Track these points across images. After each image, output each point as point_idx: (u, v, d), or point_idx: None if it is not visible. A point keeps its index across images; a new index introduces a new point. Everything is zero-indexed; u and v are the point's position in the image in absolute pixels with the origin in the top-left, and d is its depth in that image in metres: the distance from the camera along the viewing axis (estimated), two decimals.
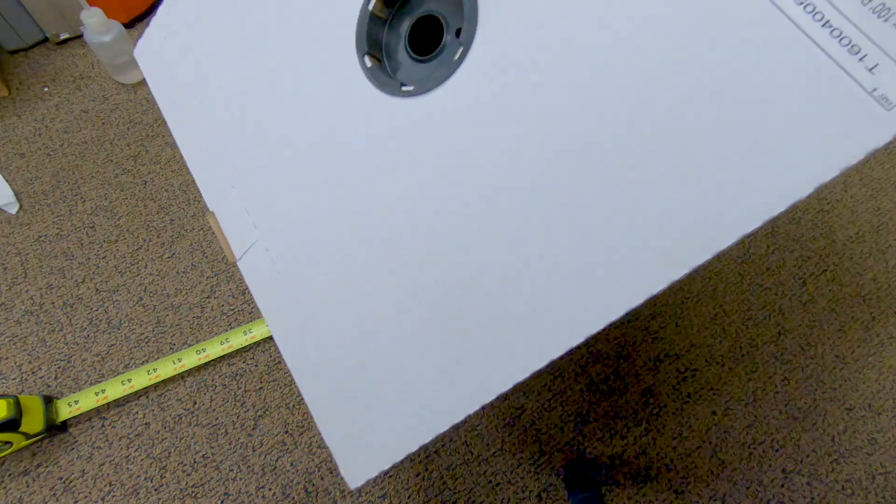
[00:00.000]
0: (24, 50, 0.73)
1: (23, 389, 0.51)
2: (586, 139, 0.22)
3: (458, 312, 0.26)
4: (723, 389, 0.53)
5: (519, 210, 0.24)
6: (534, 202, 0.24)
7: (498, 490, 0.48)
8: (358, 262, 0.29)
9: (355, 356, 0.30)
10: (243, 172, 0.34)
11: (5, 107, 0.68)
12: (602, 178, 0.22)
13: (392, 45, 0.29)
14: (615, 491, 0.48)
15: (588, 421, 0.51)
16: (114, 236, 0.60)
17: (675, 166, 0.21)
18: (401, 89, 0.27)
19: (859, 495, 0.49)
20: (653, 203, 0.21)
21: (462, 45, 0.25)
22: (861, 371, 0.54)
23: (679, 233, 0.21)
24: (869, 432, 0.51)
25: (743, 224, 0.20)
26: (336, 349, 0.31)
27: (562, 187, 0.23)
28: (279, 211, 0.33)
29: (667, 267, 0.21)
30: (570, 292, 0.24)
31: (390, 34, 0.29)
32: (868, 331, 0.57)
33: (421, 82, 0.26)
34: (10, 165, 0.64)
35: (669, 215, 0.21)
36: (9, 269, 0.58)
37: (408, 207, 0.27)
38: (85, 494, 0.47)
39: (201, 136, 0.37)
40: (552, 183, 0.23)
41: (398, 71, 0.28)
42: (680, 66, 0.21)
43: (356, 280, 0.30)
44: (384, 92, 0.27)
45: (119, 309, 0.55)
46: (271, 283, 0.33)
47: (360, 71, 0.28)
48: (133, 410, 0.51)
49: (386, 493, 0.48)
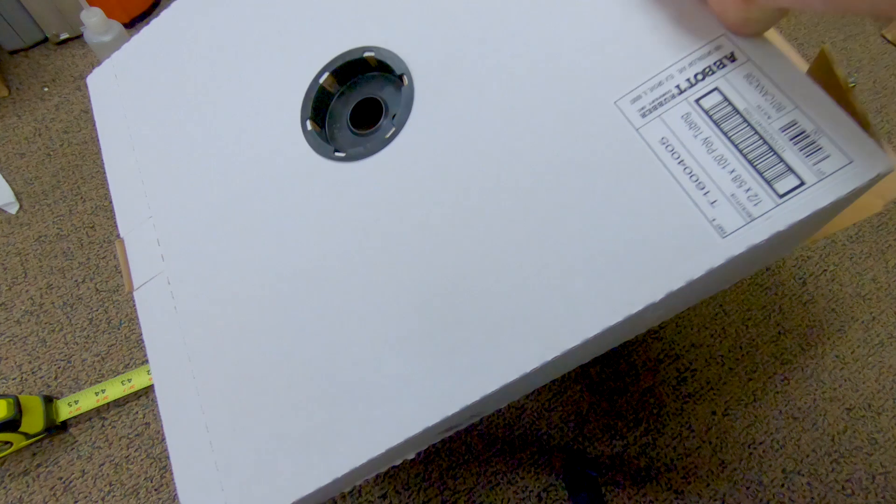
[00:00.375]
0: (24, 50, 0.73)
1: (23, 389, 0.51)
2: (478, 233, 0.27)
3: (339, 389, 0.28)
4: (723, 389, 0.53)
5: (406, 272, 0.28)
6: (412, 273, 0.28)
7: (498, 490, 0.48)
8: (257, 313, 0.30)
9: (234, 409, 0.30)
10: (164, 204, 0.35)
11: (5, 107, 0.68)
12: (486, 271, 0.26)
13: (336, 116, 0.34)
14: (615, 491, 0.48)
15: (588, 421, 0.51)
16: (114, 236, 0.60)
17: (545, 265, 0.25)
18: (333, 154, 0.31)
19: (859, 495, 0.49)
20: (523, 294, 0.26)
21: (395, 127, 0.30)
22: (861, 371, 0.54)
23: (556, 317, 0.25)
24: (869, 432, 0.51)
25: (603, 318, 0.24)
26: (215, 396, 0.31)
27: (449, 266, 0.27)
28: (191, 246, 0.33)
29: (543, 350, 0.25)
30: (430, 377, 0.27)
31: (337, 106, 0.34)
32: (868, 331, 0.57)
33: (354, 152, 0.31)
34: (10, 165, 0.64)
35: (546, 300, 0.25)
36: (9, 269, 0.58)
37: (316, 260, 0.30)
38: (85, 494, 0.47)
39: (129, 166, 0.38)
40: (439, 259, 0.27)
41: (336, 140, 0.33)
42: (561, 179, 0.26)
43: (253, 332, 0.30)
44: (318, 153, 0.31)
45: (119, 309, 0.55)
46: (164, 319, 0.33)
47: (300, 132, 0.32)
48: (133, 410, 0.51)
49: (386, 493, 0.48)
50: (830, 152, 0.22)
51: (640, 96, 0.25)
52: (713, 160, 0.23)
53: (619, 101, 0.26)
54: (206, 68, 0.37)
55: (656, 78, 0.25)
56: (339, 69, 0.33)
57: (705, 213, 0.23)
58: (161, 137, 0.37)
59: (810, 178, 0.22)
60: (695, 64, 0.25)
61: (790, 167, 0.22)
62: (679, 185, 0.24)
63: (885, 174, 0.21)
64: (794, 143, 0.23)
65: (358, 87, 0.34)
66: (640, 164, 0.24)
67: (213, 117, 0.36)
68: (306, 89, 0.33)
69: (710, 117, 0.24)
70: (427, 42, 0.31)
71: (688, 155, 0.24)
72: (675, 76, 0.25)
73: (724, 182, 0.23)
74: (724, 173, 0.23)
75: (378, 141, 0.30)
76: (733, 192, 0.23)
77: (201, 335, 0.32)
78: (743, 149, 0.23)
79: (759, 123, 0.23)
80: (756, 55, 0.24)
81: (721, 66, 0.24)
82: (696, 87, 0.24)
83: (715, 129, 0.24)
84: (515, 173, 0.27)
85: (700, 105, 0.24)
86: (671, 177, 0.24)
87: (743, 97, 0.24)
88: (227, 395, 0.30)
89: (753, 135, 0.23)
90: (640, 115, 0.25)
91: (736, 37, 0.24)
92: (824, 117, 0.23)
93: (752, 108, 0.23)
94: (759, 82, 0.24)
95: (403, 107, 0.30)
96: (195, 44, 0.38)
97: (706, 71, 0.24)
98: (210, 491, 0.28)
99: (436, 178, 0.28)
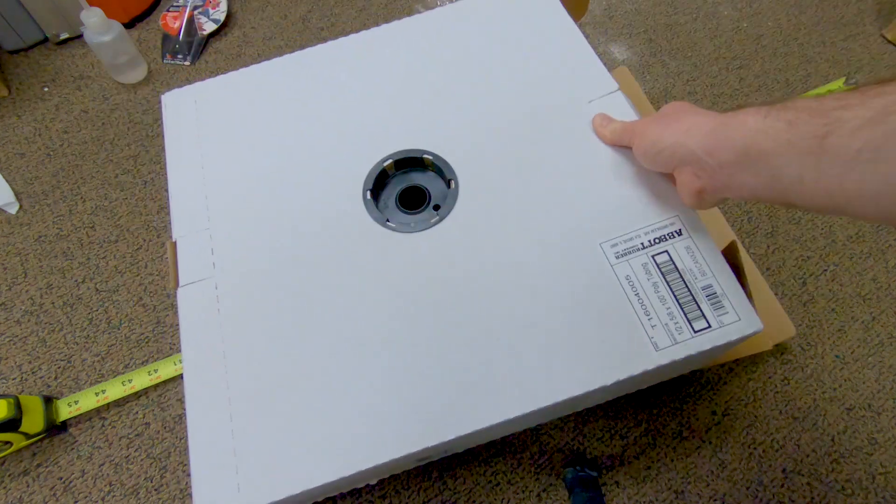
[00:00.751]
0: (24, 50, 0.73)
1: (23, 389, 0.51)
2: (481, 313, 0.35)
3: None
4: (723, 389, 0.53)
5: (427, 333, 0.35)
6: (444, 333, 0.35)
7: (498, 490, 0.48)
8: (293, 331, 0.36)
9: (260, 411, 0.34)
10: (224, 222, 0.40)
11: (5, 107, 0.68)
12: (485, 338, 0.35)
13: (389, 193, 0.42)
14: (615, 491, 0.48)
15: (588, 421, 0.51)
16: (114, 236, 0.60)
17: (529, 346, 0.34)
18: (386, 223, 0.39)
19: (859, 495, 0.49)
20: (500, 364, 0.34)
21: (439, 217, 0.39)
22: (861, 371, 0.54)
23: (531, 382, 0.33)
24: (869, 432, 0.51)
25: (558, 393, 0.32)
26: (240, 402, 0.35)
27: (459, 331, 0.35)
28: (244, 265, 0.38)
29: (522, 402, 0.33)
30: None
31: (390, 184, 0.42)
32: (868, 331, 0.57)
33: (403, 226, 0.39)
34: (10, 165, 0.64)
35: (519, 372, 0.34)
36: (9, 269, 0.58)
37: (352, 303, 0.36)
38: (85, 494, 0.47)
39: (196, 180, 0.43)
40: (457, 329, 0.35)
41: (386, 210, 0.41)
42: (555, 288, 0.35)
43: (287, 345, 0.35)
44: (373, 219, 0.39)
45: (119, 309, 0.55)
46: (207, 317, 0.36)
47: (360, 199, 0.40)
48: (133, 410, 0.51)
49: (386, 493, 0.48)
50: (729, 311, 0.34)
51: (617, 244, 0.36)
52: (657, 298, 0.34)
53: (603, 243, 0.36)
54: (286, 121, 0.44)
55: (628, 235, 0.36)
56: (400, 160, 0.42)
57: (647, 332, 0.33)
58: (232, 166, 0.43)
59: (715, 325, 0.33)
60: (655, 231, 0.36)
61: (703, 314, 0.34)
62: (633, 310, 0.34)
63: (759, 332, 0.33)
64: (708, 299, 0.34)
65: (408, 175, 0.43)
66: (611, 289, 0.35)
67: (285, 165, 0.42)
68: (371, 167, 0.41)
69: (659, 269, 0.35)
70: (474, 158, 0.41)
71: (642, 291, 0.34)
72: (641, 236, 0.36)
73: (662, 314, 0.34)
74: (662, 308, 0.34)
75: (424, 222, 0.39)
76: (666, 322, 0.33)
77: (240, 339, 0.36)
78: (677, 295, 0.34)
79: (689, 281, 0.34)
80: (694, 235, 0.35)
81: (671, 237, 0.36)
82: (654, 247, 0.35)
83: (661, 278, 0.34)
84: (522, 276, 0.36)
85: (654, 259, 0.35)
86: (629, 303, 0.34)
87: (682, 261, 0.35)
88: (255, 393, 0.34)
89: (685, 287, 0.34)
90: (615, 256, 0.36)
91: (684, 218, 0.36)
92: (728, 287, 0.34)
93: (686, 270, 0.34)
94: (693, 254, 0.35)
95: (448, 203, 0.39)
96: (280, 98, 0.46)
97: (661, 238, 0.36)
98: (226, 472, 0.32)
99: (461, 264, 0.37)
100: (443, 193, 0.41)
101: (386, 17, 0.80)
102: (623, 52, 0.78)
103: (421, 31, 0.48)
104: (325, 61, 0.47)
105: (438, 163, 0.41)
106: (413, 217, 0.40)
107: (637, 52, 0.78)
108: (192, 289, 0.37)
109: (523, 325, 0.34)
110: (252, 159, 0.43)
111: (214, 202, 0.41)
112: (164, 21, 0.75)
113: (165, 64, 0.73)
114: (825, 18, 0.84)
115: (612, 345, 0.33)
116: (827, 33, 0.82)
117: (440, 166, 0.41)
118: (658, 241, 0.35)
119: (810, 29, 0.82)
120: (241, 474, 0.32)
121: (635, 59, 0.78)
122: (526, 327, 0.34)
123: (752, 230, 0.63)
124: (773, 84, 0.76)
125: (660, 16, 0.83)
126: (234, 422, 0.33)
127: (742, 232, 0.63)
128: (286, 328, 0.36)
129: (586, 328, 0.34)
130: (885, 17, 0.84)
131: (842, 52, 0.80)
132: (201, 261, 0.38)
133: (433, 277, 0.37)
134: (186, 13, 0.75)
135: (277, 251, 0.39)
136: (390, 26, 0.49)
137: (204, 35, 0.75)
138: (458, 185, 0.40)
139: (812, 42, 0.81)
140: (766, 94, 0.75)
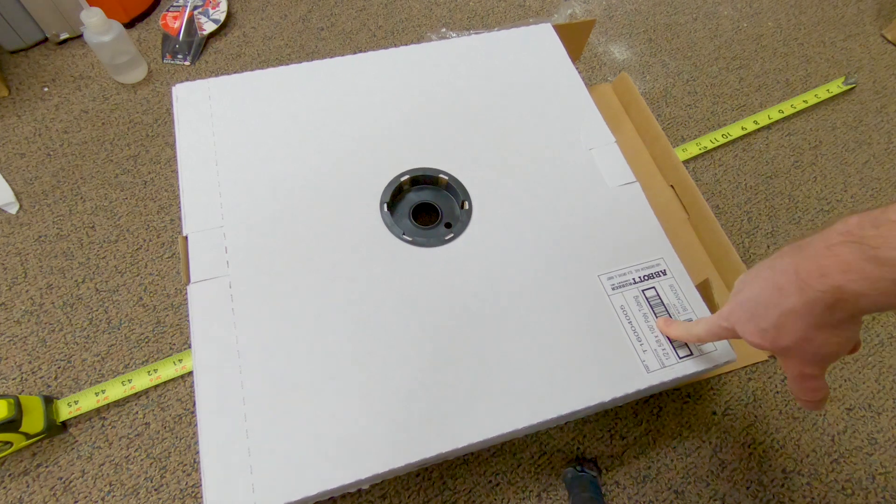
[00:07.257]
0: (24, 50, 0.73)
1: (23, 389, 0.51)
2: (486, 328, 0.38)
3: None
4: (723, 389, 0.53)
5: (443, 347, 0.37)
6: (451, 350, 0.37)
7: (498, 490, 0.48)
8: (309, 334, 0.36)
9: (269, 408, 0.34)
10: (239, 221, 0.40)
11: (5, 107, 0.68)
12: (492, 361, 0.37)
13: (402, 207, 0.44)
14: (615, 491, 0.48)
15: (588, 421, 0.51)
16: (114, 236, 0.60)
17: (531, 364, 0.37)
18: (402, 236, 0.41)
19: (859, 495, 0.49)
20: (499, 380, 0.36)
21: (453, 234, 0.42)
22: (861, 371, 0.54)
23: (532, 394, 0.36)
24: (869, 432, 0.51)
25: (560, 407, 0.35)
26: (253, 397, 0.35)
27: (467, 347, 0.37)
28: (258, 264, 0.39)
29: (526, 414, 0.35)
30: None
31: (404, 199, 0.45)
32: (868, 331, 0.57)
33: (418, 240, 0.41)
34: (10, 165, 0.64)
35: (517, 388, 0.36)
36: (9, 269, 0.58)
37: (367, 310, 0.38)
38: (85, 494, 0.47)
39: (209, 177, 0.42)
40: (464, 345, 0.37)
41: (401, 224, 0.43)
42: (558, 314, 0.39)
43: (304, 348, 0.36)
44: (389, 231, 0.41)
45: (119, 309, 0.55)
46: (221, 315, 0.37)
47: (377, 211, 0.42)
48: (133, 410, 0.51)
49: (386, 493, 0.48)
50: None
51: (613, 277, 0.41)
52: (647, 327, 0.39)
53: (601, 275, 0.41)
54: (305, 128, 0.45)
55: (623, 270, 0.41)
56: (417, 177, 0.44)
57: (639, 356, 0.38)
58: (248, 166, 0.43)
59: (696, 353, 0.38)
60: (645, 269, 0.41)
61: (686, 343, 0.38)
62: (627, 336, 0.38)
63: (733, 361, 0.38)
64: None
65: (423, 192, 0.45)
66: (608, 317, 0.39)
67: (303, 171, 0.43)
68: (389, 181, 0.43)
69: (648, 302, 0.40)
70: (487, 184, 0.44)
71: (634, 320, 0.39)
72: (633, 273, 0.41)
73: (652, 341, 0.38)
74: (652, 336, 0.38)
75: (437, 238, 0.41)
76: (655, 348, 0.38)
77: (256, 339, 0.36)
78: None
79: (673, 314, 0.39)
80: (676, 276, 0.41)
81: (658, 276, 0.41)
82: (644, 283, 0.41)
83: (650, 310, 0.39)
84: (527, 297, 0.39)
85: (644, 293, 0.40)
86: (623, 330, 0.38)
87: (667, 296, 0.40)
88: (270, 394, 0.34)
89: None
90: (611, 287, 0.40)
91: (667, 261, 0.41)
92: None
93: (671, 304, 0.40)
94: (675, 291, 0.40)
95: (462, 222, 0.42)
96: (300, 104, 0.46)
97: (650, 275, 0.41)
98: (240, 471, 0.32)
99: (472, 281, 0.39)
100: (453, 213, 0.44)
101: (385, 18, 0.80)
102: (623, 52, 0.78)
103: (443, 56, 0.51)
104: (347, 73, 0.48)
105: (453, 183, 0.44)
106: (427, 232, 0.42)
107: (637, 52, 0.78)
108: (205, 286, 0.37)
109: (528, 343, 0.37)
110: (270, 162, 0.43)
111: (228, 200, 0.41)
112: (164, 21, 0.75)
113: (165, 64, 0.73)
114: (825, 18, 0.84)
115: (609, 365, 0.37)
116: (827, 33, 0.82)
117: (455, 187, 0.43)
118: (647, 277, 0.41)
119: (810, 29, 0.82)
120: (255, 474, 0.32)
121: (635, 59, 0.78)
122: (530, 346, 0.37)
123: (752, 230, 0.63)
124: (773, 84, 0.76)
125: (660, 16, 0.83)
126: (249, 421, 0.33)
127: (742, 232, 0.63)
128: (301, 329, 0.36)
129: (586, 349, 0.37)
130: (885, 17, 0.84)
131: (842, 52, 0.80)
132: (214, 258, 0.38)
133: (446, 292, 0.39)
134: (186, 13, 0.75)
135: (293, 255, 0.39)
136: (415, 48, 0.51)
137: (204, 35, 0.75)
138: (471, 206, 0.43)
139: (812, 42, 0.81)
140: (766, 93, 0.75)
